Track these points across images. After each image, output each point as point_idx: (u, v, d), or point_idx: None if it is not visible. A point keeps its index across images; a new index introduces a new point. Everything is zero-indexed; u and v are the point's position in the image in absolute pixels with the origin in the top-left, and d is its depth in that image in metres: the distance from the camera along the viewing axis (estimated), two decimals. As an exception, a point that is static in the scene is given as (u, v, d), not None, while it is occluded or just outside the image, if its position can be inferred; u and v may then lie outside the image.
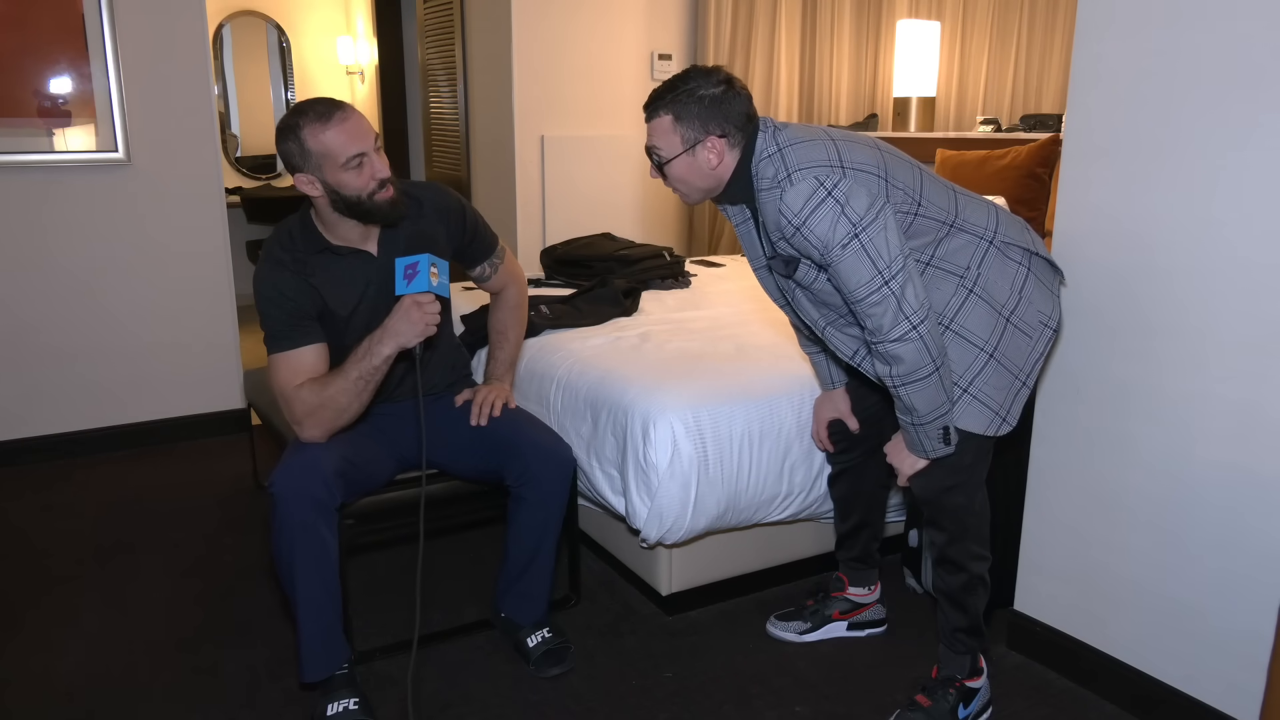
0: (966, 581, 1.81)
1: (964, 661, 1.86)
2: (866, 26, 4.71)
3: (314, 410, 1.84)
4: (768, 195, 1.61)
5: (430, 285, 1.77)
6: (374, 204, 1.86)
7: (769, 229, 1.66)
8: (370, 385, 1.85)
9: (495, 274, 2.22)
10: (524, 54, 3.97)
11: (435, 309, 1.80)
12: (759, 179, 1.62)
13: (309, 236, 1.92)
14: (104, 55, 3.16)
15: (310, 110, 1.82)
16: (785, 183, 1.57)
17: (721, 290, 3.29)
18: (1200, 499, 1.74)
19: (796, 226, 1.57)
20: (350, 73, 6.15)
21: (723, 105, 1.62)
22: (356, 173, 1.82)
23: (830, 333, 1.79)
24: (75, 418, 3.36)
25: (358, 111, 1.86)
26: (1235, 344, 1.65)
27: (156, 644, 2.17)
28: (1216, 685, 1.75)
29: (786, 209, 1.56)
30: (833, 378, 2.06)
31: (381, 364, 1.82)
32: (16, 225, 3.16)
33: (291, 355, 1.87)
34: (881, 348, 1.59)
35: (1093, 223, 1.87)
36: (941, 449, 1.67)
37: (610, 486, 2.24)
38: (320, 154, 1.80)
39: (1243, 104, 1.60)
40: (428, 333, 1.79)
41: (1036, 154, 3.21)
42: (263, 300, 1.88)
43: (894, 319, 1.56)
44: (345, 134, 1.80)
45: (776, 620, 2.19)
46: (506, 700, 1.95)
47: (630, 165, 4.29)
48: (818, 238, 1.56)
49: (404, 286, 1.78)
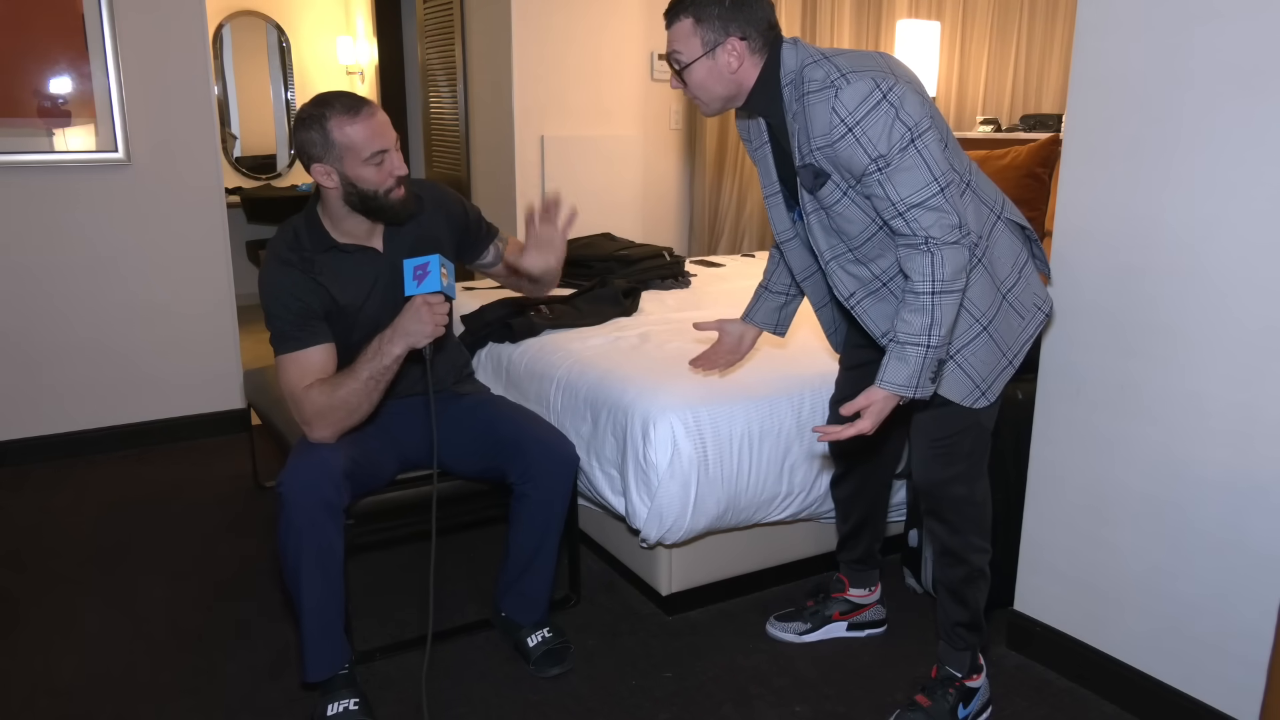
0: (967, 574, 1.81)
1: (964, 658, 1.86)
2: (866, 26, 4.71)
3: (324, 411, 1.84)
4: (817, 98, 1.57)
5: (441, 285, 1.78)
6: (387, 201, 1.87)
7: (802, 140, 1.62)
8: (381, 385, 1.85)
9: (505, 246, 2.21)
10: (524, 54, 3.97)
11: (445, 309, 1.82)
12: (807, 83, 1.58)
13: (315, 234, 1.93)
14: (104, 55, 3.16)
15: (337, 102, 1.81)
16: (840, 82, 1.54)
17: (721, 290, 3.29)
18: (1200, 499, 1.74)
19: (849, 127, 1.53)
20: (350, 73, 6.14)
21: (744, 8, 1.60)
22: (377, 169, 1.83)
23: (834, 268, 1.74)
24: (75, 418, 3.36)
25: (381, 109, 1.87)
26: (1235, 344, 1.65)
27: (156, 644, 2.17)
28: (1216, 685, 1.75)
29: (841, 107, 1.53)
30: (754, 312, 2.02)
31: (392, 364, 1.83)
32: (16, 225, 3.16)
33: (300, 356, 1.87)
34: (931, 247, 1.55)
35: (1093, 223, 1.87)
36: (928, 387, 1.61)
37: (610, 486, 2.24)
38: (344, 146, 1.81)
39: (1243, 104, 1.60)
40: (438, 333, 1.80)
41: (1036, 154, 3.20)
42: (270, 301, 1.88)
43: (949, 223, 1.54)
44: (371, 130, 1.81)
45: (776, 621, 2.19)
46: (506, 700, 1.95)
47: (630, 165, 4.28)
48: (870, 141, 1.54)
49: (414, 287, 1.79)
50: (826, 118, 1.56)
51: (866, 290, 1.73)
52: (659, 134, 4.40)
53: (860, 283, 1.74)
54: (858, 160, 1.56)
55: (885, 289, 1.72)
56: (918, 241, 1.56)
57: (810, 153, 1.62)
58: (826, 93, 1.55)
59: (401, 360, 1.84)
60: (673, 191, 4.52)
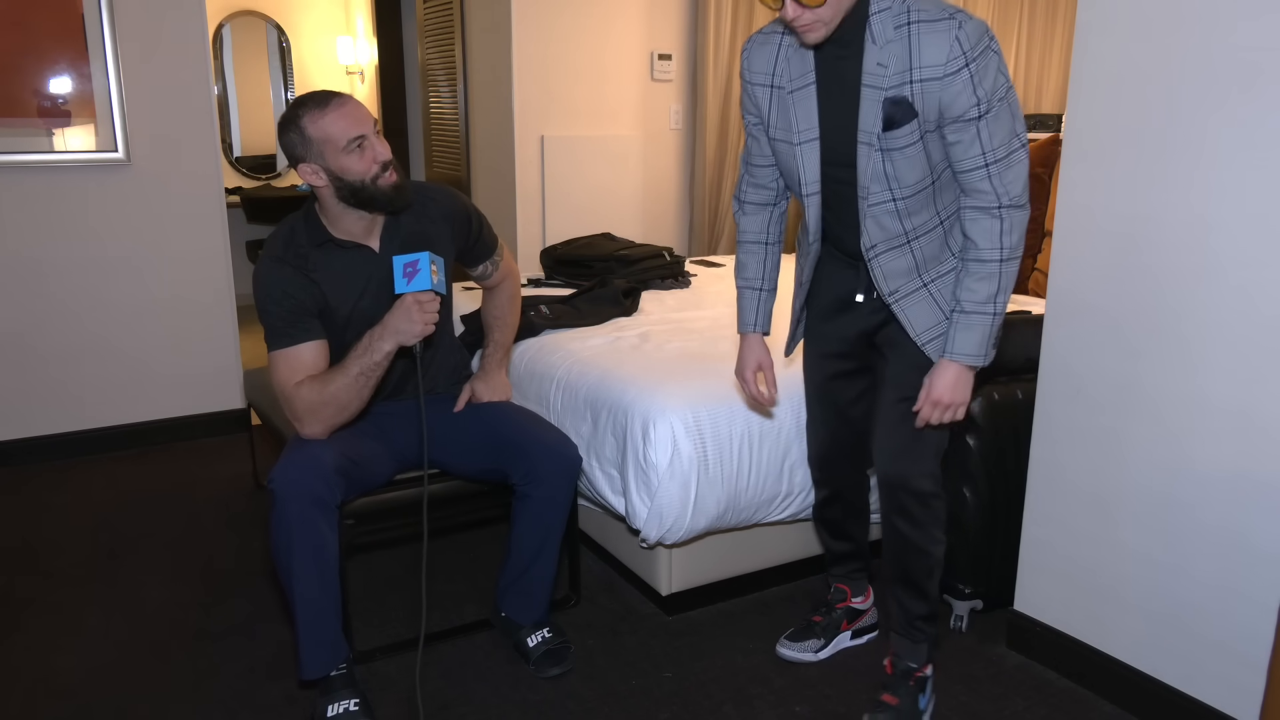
0: (929, 566, 1.83)
1: (922, 650, 1.87)
2: (866, 26, 4.72)
3: (315, 407, 1.85)
4: (935, 27, 1.54)
5: (431, 283, 1.78)
6: (377, 189, 1.86)
7: (897, 70, 1.57)
8: (371, 381, 1.85)
9: (495, 271, 2.24)
10: (524, 54, 3.97)
11: (435, 307, 1.81)
12: (918, 11, 1.56)
13: (312, 229, 1.93)
14: (104, 55, 3.16)
15: (309, 100, 1.84)
16: (961, 16, 1.54)
17: (721, 290, 3.29)
18: (1200, 499, 1.74)
19: (969, 60, 1.53)
20: (350, 73, 6.15)
21: None
22: (358, 155, 1.83)
23: (876, 213, 1.69)
24: (75, 418, 3.36)
25: (354, 98, 1.87)
26: (1236, 343, 1.65)
27: (156, 644, 2.17)
28: (1216, 685, 1.75)
29: (966, 39, 1.53)
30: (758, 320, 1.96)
31: (382, 360, 1.83)
32: (16, 225, 3.16)
33: (291, 352, 1.87)
34: (1003, 214, 1.60)
35: (1093, 223, 1.87)
36: (991, 352, 1.69)
37: (610, 486, 2.24)
38: (321, 140, 1.81)
39: (1243, 104, 1.60)
40: (427, 331, 1.79)
41: (1036, 154, 3.20)
42: (263, 297, 1.88)
43: (1023, 183, 1.60)
44: (344, 118, 1.82)
45: (788, 641, 2.13)
46: (506, 700, 1.95)
47: (630, 165, 4.28)
48: (980, 82, 1.54)
49: (404, 284, 1.78)
50: (946, 49, 1.54)
51: (890, 245, 1.72)
52: (659, 134, 4.40)
53: (887, 236, 1.71)
54: (962, 100, 1.56)
55: (908, 245, 1.72)
56: (992, 204, 1.61)
57: (905, 85, 1.58)
58: (948, 24, 1.54)
59: (391, 357, 1.83)
60: (673, 191, 4.52)
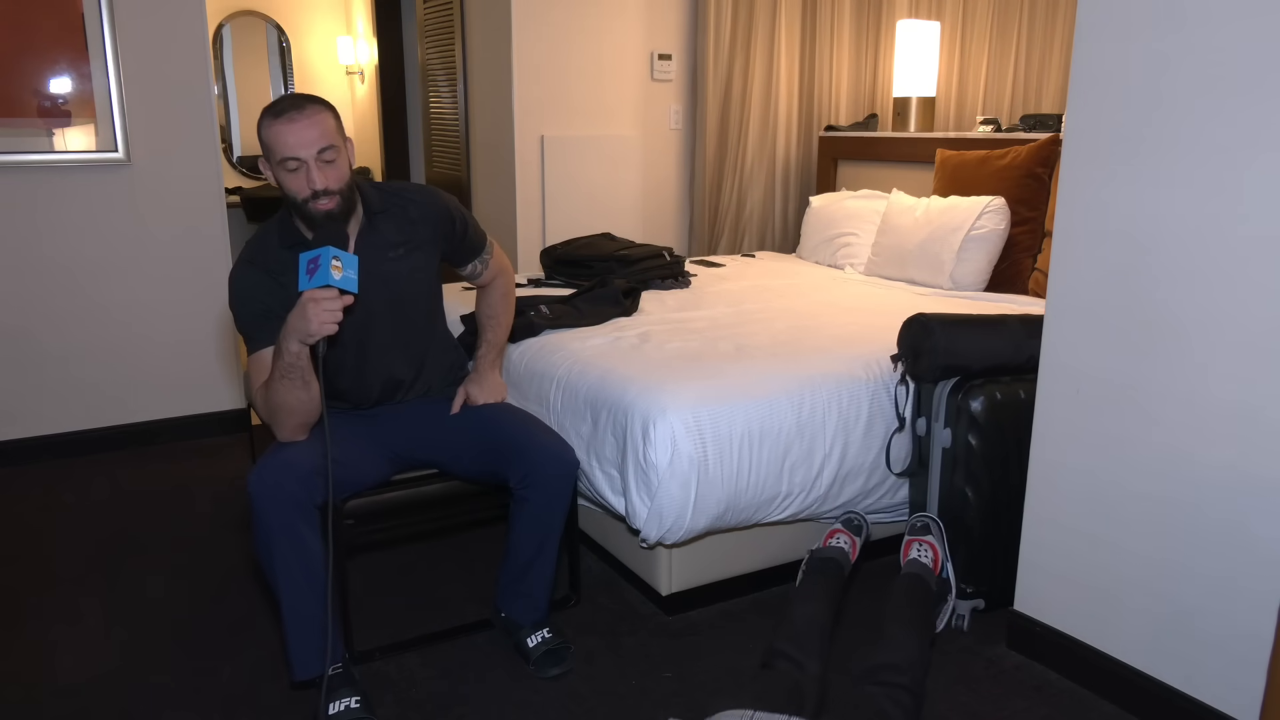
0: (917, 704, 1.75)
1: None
2: (866, 26, 4.71)
3: (269, 413, 1.85)
4: None
5: (331, 279, 1.65)
6: (310, 210, 1.83)
7: None
8: (292, 381, 1.76)
9: (485, 269, 2.24)
10: (524, 54, 3.97)
11: (336, 305, 1.68)
12: None
13: (285, 231, 1.94)
14: (104, 55, 3.16)
15: (275, 104, 1.83)
16: None
17: (721, 290, 3.29)
18: (1200, 499, 1.74)
19: None
20: (350, 73, 6.15)
21: None
22: (292, 175, 1.81)
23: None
24: (75, 418, 3.36)
25: (322, 116, 1.81)
26: (1235, 344, 1.65)
27: (156, 643, 2.17)
28: (1216, 685, 1.75)
29: None
30: None
31: (292, 359, 1.73)
32: (16, 225, 3.16)
33: (259, 356, 1.88)
34: None
35: (1093, 223, 1.87)
36: None
37: (610, 486, 2.24)
38: (266, 147, 1.82)
39: (1243, 104, 1.60)
40: (326, 330, 1.67)
41: (1036, 154, 3.20)
42: (233, 300, 1.90)
43: None
44: (288, 134, 1.78)
45: None
46: (506, 700, 1.95)
47: (630, 165, 4.28)
48: None
49: (306, 281, 1.67)
50: None
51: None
52: (659, 134, 4.40)
53: None
54: None
55: None
56: None
57: None
58: None
59: (304, 356, 1.74)
60: (673, 191, 4.52)
